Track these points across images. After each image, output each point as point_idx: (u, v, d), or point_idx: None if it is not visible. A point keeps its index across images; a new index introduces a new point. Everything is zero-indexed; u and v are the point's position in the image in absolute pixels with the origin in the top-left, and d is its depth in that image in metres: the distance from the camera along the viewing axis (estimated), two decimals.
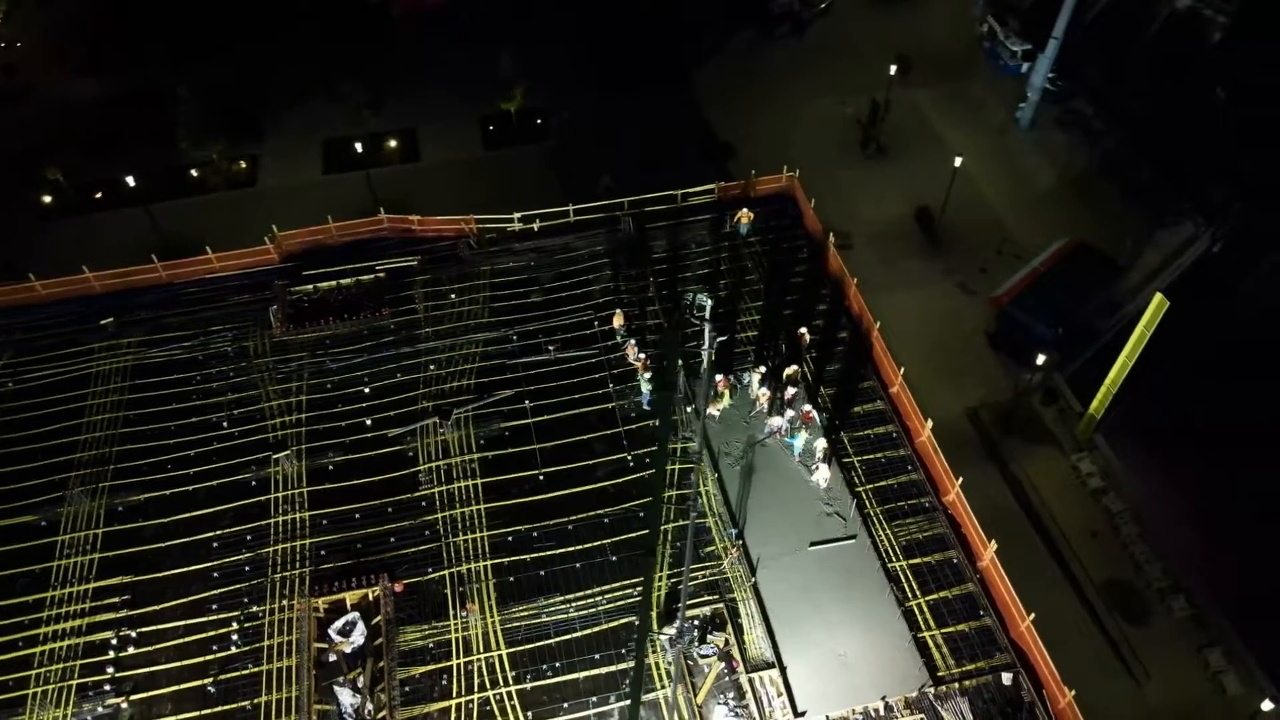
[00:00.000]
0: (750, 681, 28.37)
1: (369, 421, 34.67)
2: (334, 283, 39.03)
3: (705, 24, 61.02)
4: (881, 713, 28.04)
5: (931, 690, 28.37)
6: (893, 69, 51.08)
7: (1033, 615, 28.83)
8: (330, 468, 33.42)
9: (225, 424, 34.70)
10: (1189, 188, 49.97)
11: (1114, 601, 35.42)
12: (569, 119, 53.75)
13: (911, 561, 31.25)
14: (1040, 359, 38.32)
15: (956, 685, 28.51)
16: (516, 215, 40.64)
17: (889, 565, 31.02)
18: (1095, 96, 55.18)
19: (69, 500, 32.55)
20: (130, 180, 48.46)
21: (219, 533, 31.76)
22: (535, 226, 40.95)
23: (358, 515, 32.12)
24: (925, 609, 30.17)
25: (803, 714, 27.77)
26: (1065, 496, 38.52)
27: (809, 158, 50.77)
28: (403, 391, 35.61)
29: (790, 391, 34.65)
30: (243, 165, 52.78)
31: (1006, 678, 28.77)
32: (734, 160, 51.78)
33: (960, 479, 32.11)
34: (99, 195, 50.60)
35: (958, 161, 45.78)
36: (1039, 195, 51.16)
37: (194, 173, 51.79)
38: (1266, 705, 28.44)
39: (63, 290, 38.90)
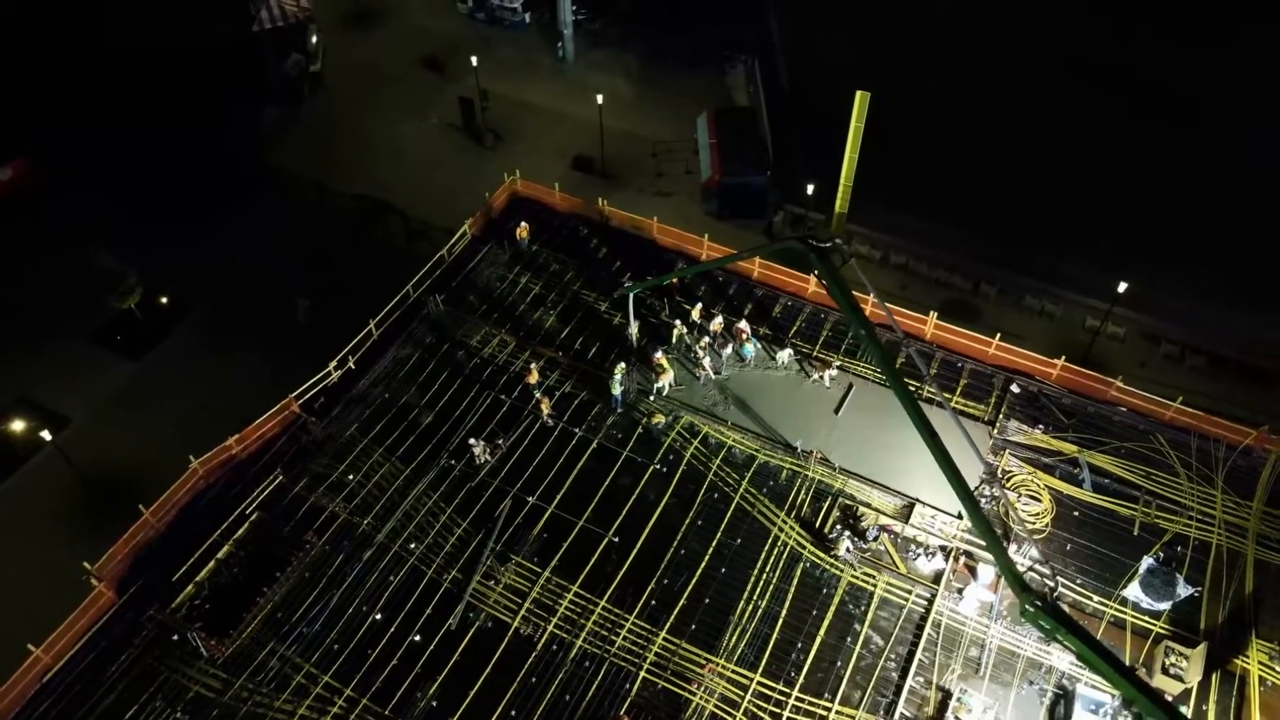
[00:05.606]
0: (912, 528, 31.54)
1: (417, 638, 29.20)
2: (212, 563, 30.77)
3: (224, 123, 55.13)
4: (1000, 471, 33.14)
5: (996, 432, 34.16)
6: (474, 60, 52.12)
7: (998, 335, 35.89)
8: (434, 704, 27.85)
9: None
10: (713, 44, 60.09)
11: (959, 316, 44.31)
12: (242, 264, 46.06)
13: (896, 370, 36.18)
14: (809, 188, 45.02)
15: (1001, 416, 34.65)
16: (331, 365, 35.27)
17: (887, 385, 35.63)
18: (593, 12, 62.13)
19: None
20: None
21: None
22: (351, 364, 36.00)
23: (513, 712, 27.63)
24: (935, 391, 35.44)
25: (960, 515, 31.70)
26: (866, 275, 46.11)
27: (449, 175, 50.92)
28: (412, 587, 30.33)
29: (715, 324, 36.69)
30: None
31: (1015, 388, 35.67)
32: (393, 215, 49.42)
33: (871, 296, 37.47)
34: None
35: (600, 99, 49.41)
36: (630, 100, 57.10)
37: None
38: (1122, 286, 39.01)
39: None
